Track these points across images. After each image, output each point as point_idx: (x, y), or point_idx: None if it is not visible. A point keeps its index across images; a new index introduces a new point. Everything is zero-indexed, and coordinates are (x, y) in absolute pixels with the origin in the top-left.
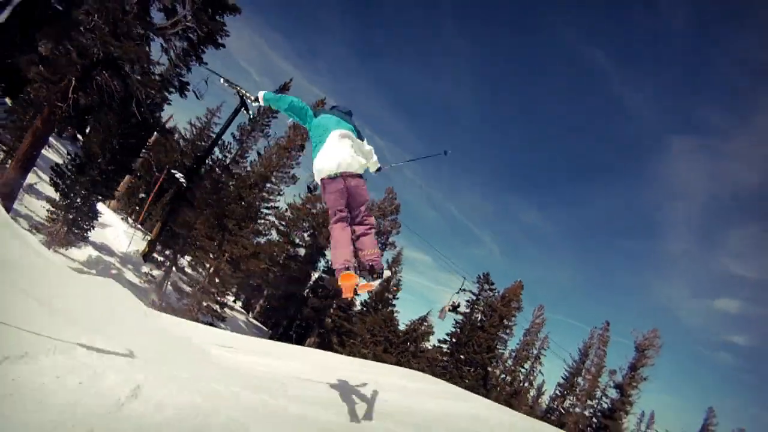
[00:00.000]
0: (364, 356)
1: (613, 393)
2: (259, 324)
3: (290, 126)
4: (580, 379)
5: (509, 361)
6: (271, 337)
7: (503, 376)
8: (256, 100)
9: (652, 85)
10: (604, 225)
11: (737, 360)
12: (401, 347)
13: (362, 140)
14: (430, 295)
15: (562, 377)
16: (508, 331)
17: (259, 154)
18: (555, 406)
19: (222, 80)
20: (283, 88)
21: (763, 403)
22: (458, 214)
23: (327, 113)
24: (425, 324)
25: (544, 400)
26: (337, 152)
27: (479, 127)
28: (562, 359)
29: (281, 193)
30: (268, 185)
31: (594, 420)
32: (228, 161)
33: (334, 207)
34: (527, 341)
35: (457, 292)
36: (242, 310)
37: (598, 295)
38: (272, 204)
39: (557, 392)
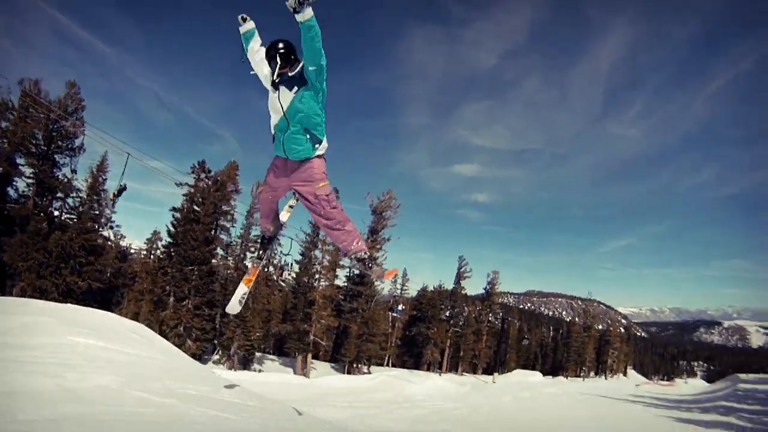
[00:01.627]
0: None
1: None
2: None
3: None
4: (317, 252)
5: (238, 249)
6: None
7: (229, 270)
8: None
9: None
10: (346, 108)
11: (480, 214)
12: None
13: None
14: None
15: (299, 253)
16: (229, 217)
17: None
18: (304, 282)
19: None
20: None
21: (504, 247)
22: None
23: None
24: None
25: (288, 278)
26: None
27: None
28: (295, 235)
29: None
30: None
31: (347, 287)
32: None
33: None
34: (252, 223)
35: (123, 173)
36: None
37: (341, 174)
38: None
39: (297, 270)
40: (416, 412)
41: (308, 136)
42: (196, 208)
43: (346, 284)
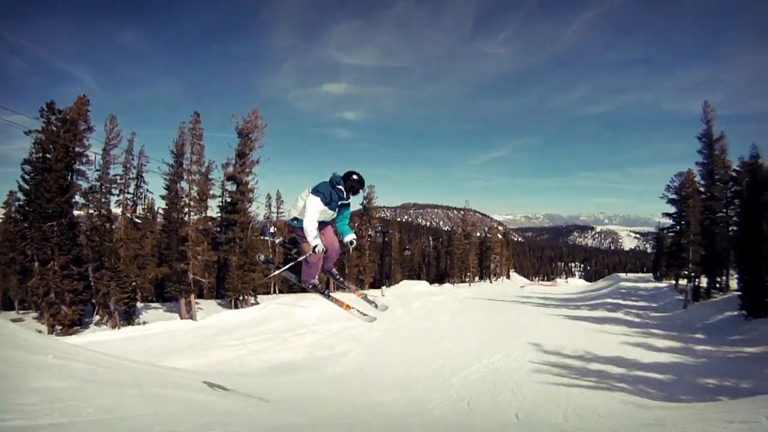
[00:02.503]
0: None
1: (230, 187)
2: None
3: None
4: (184, 184)
5: (99, 195)
6: None
7: (94, 212)
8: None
9: None
10: (206, 31)
11: (351, 132)
12: None
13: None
14: None
15: (164, 187)
16: (85, 159)
17: None
18: (174, 218)
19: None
20: None
21: (377, 164)
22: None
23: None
24: None
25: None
26: None
27: None
28: (157, 168)
29: None
30: None
31: (221, 217)
32: None
33: None
34: (110, 161)
35: None
36: None
37: (204, 101)
38: None
39: (165, 205)
40: (312, 337)
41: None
42: (48, 156)
43: (219, 215)
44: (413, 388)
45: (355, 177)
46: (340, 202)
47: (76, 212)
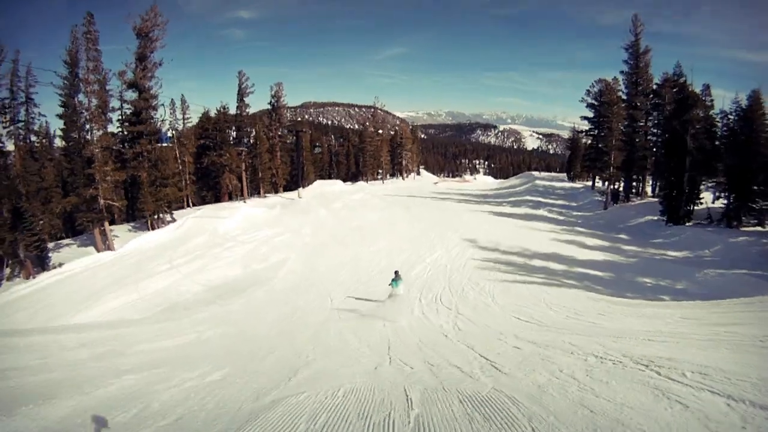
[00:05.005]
0: None
1: (131, 95)
2: None
3: None
4: (82, 97)
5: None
6: None
7: None
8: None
9: None
10: None
11: (247, 31)
12: None
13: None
14: None
15: (59, 105)
16: None
17: None
18: (75, 139)
19: None
20: None
21: (276, 63)
22: None
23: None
24: None
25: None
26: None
27: None
28: (50, 83)
29: None
30: None
31: (123, 133)
32: None
33: None
34: None
35: None
36: None
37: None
38: None
39: (63, 125)
40: (243, 249)
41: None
42: None
43: (120, 130)
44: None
45: None
46: None
47: None
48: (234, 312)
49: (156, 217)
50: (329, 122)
